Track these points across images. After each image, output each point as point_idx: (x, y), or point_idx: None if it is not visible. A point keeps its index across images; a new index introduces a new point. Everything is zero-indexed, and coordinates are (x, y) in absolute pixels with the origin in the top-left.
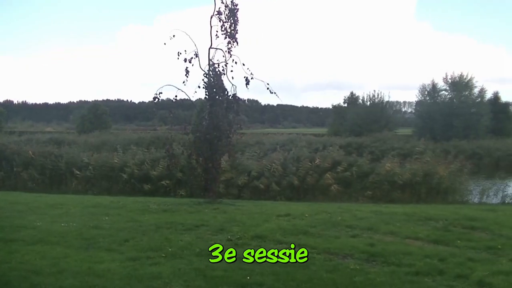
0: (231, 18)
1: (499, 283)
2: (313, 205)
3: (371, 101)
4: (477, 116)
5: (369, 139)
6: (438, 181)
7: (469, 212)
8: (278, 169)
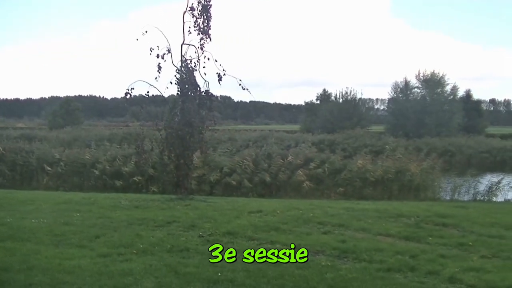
0: (204, 14)
1: (469, 279)
2: (285, 202)
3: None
4: (449, 113)
5: (342, 136)
6: (410, 178)
7: (440, 209)
8: (250, 166)
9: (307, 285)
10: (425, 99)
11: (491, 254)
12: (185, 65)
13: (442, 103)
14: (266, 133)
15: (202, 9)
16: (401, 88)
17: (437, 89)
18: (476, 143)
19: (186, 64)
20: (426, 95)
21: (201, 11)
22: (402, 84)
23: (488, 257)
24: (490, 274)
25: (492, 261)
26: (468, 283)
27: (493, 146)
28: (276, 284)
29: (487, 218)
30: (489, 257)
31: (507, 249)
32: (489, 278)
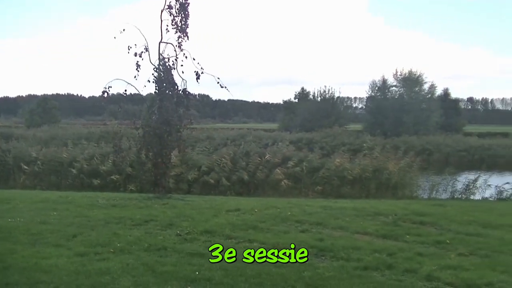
0: (181, 12)
1: (447, 277)
2: (263, 200)
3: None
4: (427, 112)
5: (320, 135)
6: (388, 177)
7: (418, 207)
8: (228, 164)
9: (285, 284)
10: (403, 97)
11: (468, 252)
12: (163, 64)
13: (420, 101)
14: (244, 131)
15: (180, 7)
16: (379, 86)
17: (415, 87)
18: (454, 142)
19: (164, 63)
20: (404, 93)
21: (179, 9)
22: (380, 83)
23: (466, 255)
24: (468, 272)
25: (470, 259)
26: (445, 281)
27: (471, 144)
28: (254, 283)
29: (465, 216)
30: (466, 255)
31: (484, 247)
32: (466, 276)
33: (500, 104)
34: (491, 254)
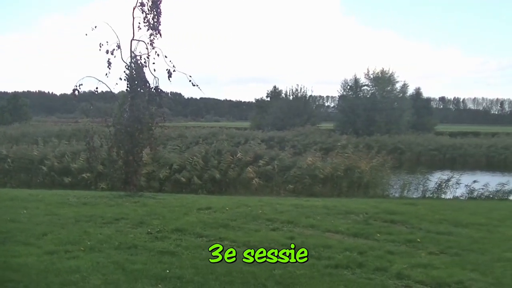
0: (154, 10)
1: (417, 275)
2: (234, 199)
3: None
4: (399, 111)
5: (292, 133)
6: (360, 176)
7: (389, 206)
8: (200, 163)
9: (255, 282)
10: (375, 96)
11: (439, 251)
12: (135, 61)
13: (392, 100)
14: (216, 130)
15: (152, 5)
16: (350, 85)
17: (387, 87)
18: (425, 141)
19: (136, 60)
20: (376, 92)
21: (151, 7)
22: (351, 82)
23: (436, 254)
24: (438, 270)
25: (440, 258)
26: (415, 279)
27: (442, 143)
28: (224, 281)
29: (436, 215)
30: (437, 254)
31: (455, 245)
32: (436, 274)
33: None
34: (461, 252)
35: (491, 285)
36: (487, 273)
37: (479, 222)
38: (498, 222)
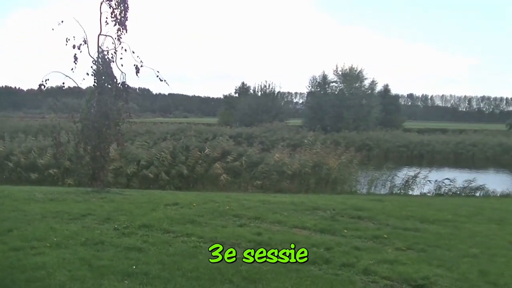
0: (121, 5)
1: (384, 271)
2: (202, 195)
3: (262, 92)
4: (367, 107)
5: (260, 129)
6: (327, 172)
7: (356, 202)
8: (168, 158)
9: (222, 277)
10: (343, 93)
11: (405, 247)
12: (102, 56)
13: (360, 97)
14: (184, 126)
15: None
16: (319, 82)
17: (355, 83)
18: (393, 137)
19: (103, 55)
20: (344, 89)
21: (118, 2)
22: (320, 78)
23: (403, 250)
24: (404, 266)
25: (407, 253)
26: (382, 275)
27: (410, 140)
28: (191, 277)
29: (403, 211)
30: (403, 250)
31: (421, 241)
32: (403, 270)
33: (439, 100)
34: (427, 248)
35: (457, 280)
36: (453, 269)
37: (446, 219)
38: (465, 219)
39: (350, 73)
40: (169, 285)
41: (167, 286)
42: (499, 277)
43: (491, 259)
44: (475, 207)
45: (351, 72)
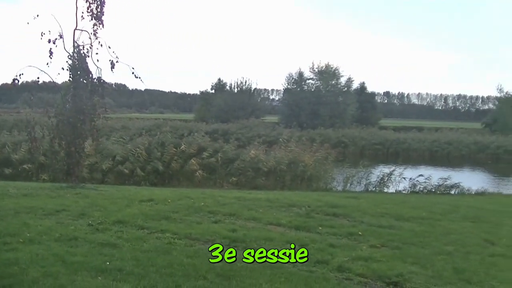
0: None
1: (358, 268)
2: (177, 191)
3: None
4: (343, 105)
5: (236, 126)
6: (303, 169)
7: (332, 199)
8: (143, 154)
9: (196, 274)
10: (320, 90)
11: (380, 244)
12: (78, 51)
13: (336, 94)
14: (160, 121)
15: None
16: (295, 79)
17: (332, 80)
18: (369, 135)
19: (79, 50)
20: (320, 86)
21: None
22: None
23: (377, 247)
24: (379, 263)
25: (381, 251)
26: (356, 272)
27: (386, 138)
28: (165, 273)
29: (378, 208)
30: (378, 247)
31: (396, 238)
32: (377, 267)
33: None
34: (402, 246)
35: (431, 278)
36: (428, 266)
37: (421, 216)
38: (440, 216)
39: (326, 70)
40: (143, 281)
41: (141, 282)
42: (473, 274)
43: (465, 257)
44: (450, 205)
45: (327, 69)
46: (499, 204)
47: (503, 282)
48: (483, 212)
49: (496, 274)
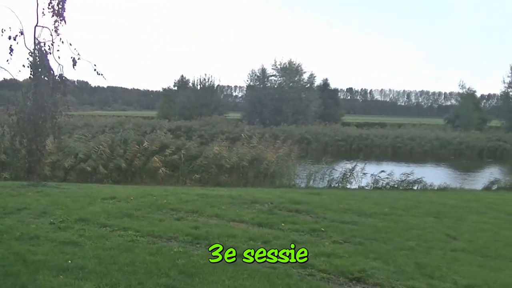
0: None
1: (320, 264)
2: (140, 188)
3: (202, 85)
4: (306, 101)
5: (199, 123)
6: (266, 166)
7: (295, 196)
8: (106, 152)
9: (159, 271)
10: (282, 87)
11: (342, 240)
12: (39, 48)
13: (299, 91)
14: (123, 119)
15: None
16: (258, 75)
17: (295, 77)
18: (332, 131)
19: (40, 47)
20: (283, 83)
21: None
22: (259, 72)
23: (340, 243)
24: (341, 259)
25: (344, 247)
26: (319, 268)
27: (349, 134)
28: (127, 271)
29: (340, 204)
30: (340, 243)
31: (358, 234)
32: (340, 263)
33: (379, 95)
34: (364, 241)
35: (394, 273)
36: (390, 262)
37: (383, 212)
38: (402, 212)
39: (289, 67)
40: (105, 279)
41: (103, 280)
42: (435, 269)
43: (427, 252)
44: (412, 200)
45: (290, 66)
46: (461, 199)
47: (465, 276)
48: (445, 207)
49: (458, 268)
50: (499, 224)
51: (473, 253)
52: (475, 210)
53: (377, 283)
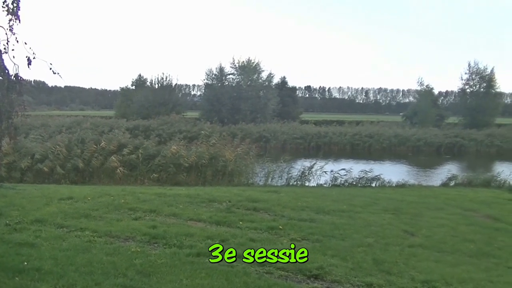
0: None
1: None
2: (97, 188)
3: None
4: (265, 99)
5: (157, 122)
6: (224, 164)
7: (253, 194)
8: (63, 152)
9: (116, 271)
10: (241, 85)
11: (300, 237)
12: None
13: (257, 89)
14: (80, 118)
15: None
16: (215, 74)
17: (253, 75)
18: (290, 129)
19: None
20: (241, 81)
21: None
22: (217, 70)
23: (298, 240)
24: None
25: (302, 244)
26: (277, 265)
27: (307, 132)
28: (84, 272)
29: (298, 202)
30: (298, 240)
31: (316, 232)
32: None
33: (337, 92)
34: (322, 239)
35: (352, 270)
36: (348, 258)
37: (341, 209)
38: (360, 209)
39: (247, 66)
40: (62, 280)
41: (59, 281)
42: (393, 265)
43: (385, 248)
44: (370, 197)
45: (248, 64)
46: (419, 195)
47: (422, 272)
48: (403, 204)
49: (415, 264)
50: (457, 219)
51: (431, 249)
52: (432, 206)
53: (335, 280)
